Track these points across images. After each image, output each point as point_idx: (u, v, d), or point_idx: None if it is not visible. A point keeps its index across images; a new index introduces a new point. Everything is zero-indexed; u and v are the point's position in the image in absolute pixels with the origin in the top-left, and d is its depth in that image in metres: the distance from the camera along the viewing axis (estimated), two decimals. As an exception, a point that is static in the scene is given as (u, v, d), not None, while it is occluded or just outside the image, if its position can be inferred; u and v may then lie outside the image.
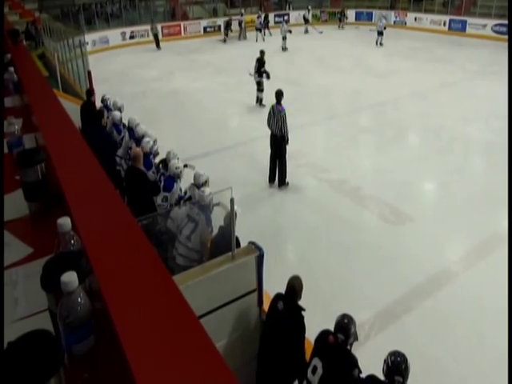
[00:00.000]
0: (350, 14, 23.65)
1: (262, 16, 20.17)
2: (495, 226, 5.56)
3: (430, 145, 8.28)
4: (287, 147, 6.47)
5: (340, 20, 22.62)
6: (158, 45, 18.33)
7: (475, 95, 10.93)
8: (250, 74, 10.10)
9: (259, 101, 10.33)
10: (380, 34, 17.37)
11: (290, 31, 17.48)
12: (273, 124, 6.36)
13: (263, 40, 19.41)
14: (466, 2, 19.84)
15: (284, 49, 17.16)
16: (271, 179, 6.70)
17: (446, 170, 7.12)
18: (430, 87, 11.68)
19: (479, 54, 15.65)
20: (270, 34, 20.05)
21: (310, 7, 21.65)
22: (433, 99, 10.80)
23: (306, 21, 20.83)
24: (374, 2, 23.71)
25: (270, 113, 6.44)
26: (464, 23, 19.55)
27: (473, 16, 19.43)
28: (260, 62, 10.03)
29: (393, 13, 22.48)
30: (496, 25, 18.14)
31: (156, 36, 18.44)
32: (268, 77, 9.95)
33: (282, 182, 6.61)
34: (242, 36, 20.21)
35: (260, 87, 10.20)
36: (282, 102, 6.37)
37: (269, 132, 6.54)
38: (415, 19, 21.33)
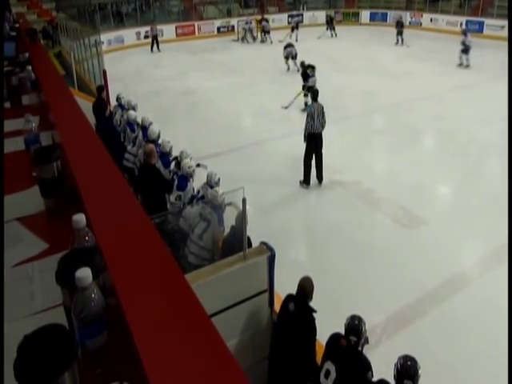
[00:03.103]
0: (365, 14, 23.47)
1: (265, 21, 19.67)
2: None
3: (444, 147, 8.17)
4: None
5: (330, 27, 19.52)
6: (156, 47, 17.52)
7: (491, 98, 10.74)
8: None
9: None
10: None
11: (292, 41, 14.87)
12: (317, 122, 6.31)
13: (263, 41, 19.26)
14: (483, 3, 19.53)
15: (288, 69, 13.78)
16: (308, 181, 6.59)
17: (461, 173, 7.02)
18: (445, 89, 11.52)
19: (496, 56, 15.37)
20: (271, 41, 19.11)
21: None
22: (448, 101, 10.66)
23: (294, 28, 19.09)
24: (389, 2, 23.49)
25: (314, 112, 6.28)
26: (481, 24, 19.24)
27: (490, 17, 19.11)
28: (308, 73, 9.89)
29: (408, 14, 22.24)
30: (514, 26, 17.82)
31: (156, 38, 17.63)
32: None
33: (321, 178, 6.60)
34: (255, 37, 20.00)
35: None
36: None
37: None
38: (431, 20, 21.06)
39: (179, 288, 0.95)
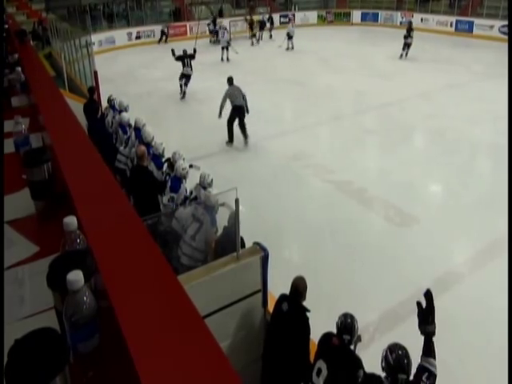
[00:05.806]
0: (356, 14, 23.58)
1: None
2: (502, 228, 5.50)
3: (435, 146, 8.23)
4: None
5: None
6: (165, 40, 19.47)
7: (482, 97, 10.85)
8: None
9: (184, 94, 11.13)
10: None
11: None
12: (239, 98, 7.87)
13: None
14: (473, 3, 19.72)
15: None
16: (232, 140, 8.08)
17: (453, 172, 7.08)
18: (436, 88, 11.61)
19: (486, 55, 15.54)
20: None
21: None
22: (439, 101, 10.74)
23: (263, 25, 19.36)
24: (380, 2, 23.62)
25: (234, 91, 7.95)
26: (471, 24, 19.43)
27: (480, 17, 19.30)
28: (192, 57, 11.18)
29: (399, 13, 22.39)
30: (503, 26, 17.99)
31: (163, 32, 19.64)
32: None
33: (246, 136, 8.04)
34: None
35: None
36: None
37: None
38: (421, 20, 21.21)
39: (172, 290, 0.94)
